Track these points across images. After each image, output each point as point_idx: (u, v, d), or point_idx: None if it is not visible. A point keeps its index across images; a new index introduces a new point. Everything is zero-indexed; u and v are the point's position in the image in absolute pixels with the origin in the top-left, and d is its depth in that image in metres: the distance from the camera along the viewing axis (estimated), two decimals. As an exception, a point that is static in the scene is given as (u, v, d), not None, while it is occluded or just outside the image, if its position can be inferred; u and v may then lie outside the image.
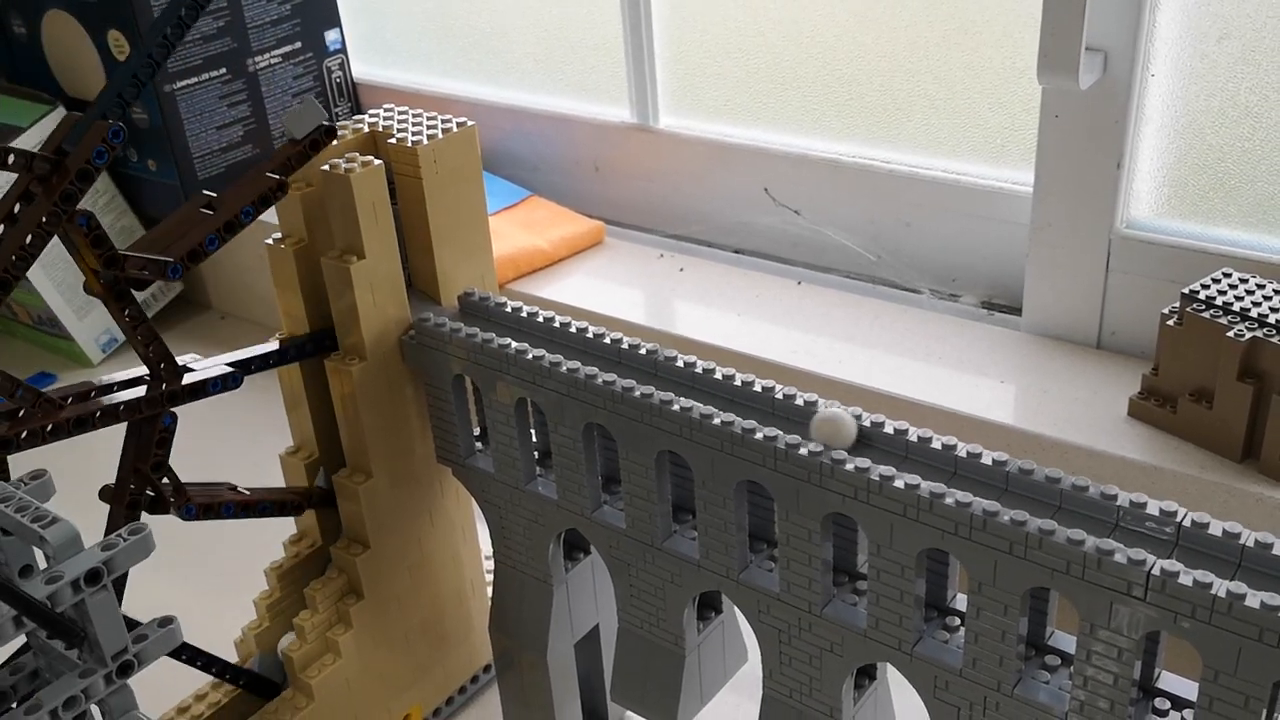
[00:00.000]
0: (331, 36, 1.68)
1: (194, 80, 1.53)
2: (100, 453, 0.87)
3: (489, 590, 1.03)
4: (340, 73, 1.71)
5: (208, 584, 0.86)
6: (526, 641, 0.91)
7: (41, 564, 0.60)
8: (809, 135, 1.38)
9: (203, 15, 1.50)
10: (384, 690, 0.95)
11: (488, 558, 1.04)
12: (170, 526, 0.75)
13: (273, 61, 1.61)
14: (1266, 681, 0.56)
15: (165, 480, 0.82)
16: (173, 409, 0.81)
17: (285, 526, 0.94)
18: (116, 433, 0.80)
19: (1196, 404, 0.98)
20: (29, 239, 0.72)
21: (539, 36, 1.60)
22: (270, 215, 0.85)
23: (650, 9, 1.44)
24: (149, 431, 0.80)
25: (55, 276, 1.59)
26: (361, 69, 1.77)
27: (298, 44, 1.63)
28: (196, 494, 0.84)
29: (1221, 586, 0.56)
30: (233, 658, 0.93)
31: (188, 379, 0.81)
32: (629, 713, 1.03)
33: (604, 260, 1.46)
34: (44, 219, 0.72)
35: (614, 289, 1.40)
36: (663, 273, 1.42)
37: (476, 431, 0.92)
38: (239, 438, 1.33)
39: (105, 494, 0.82)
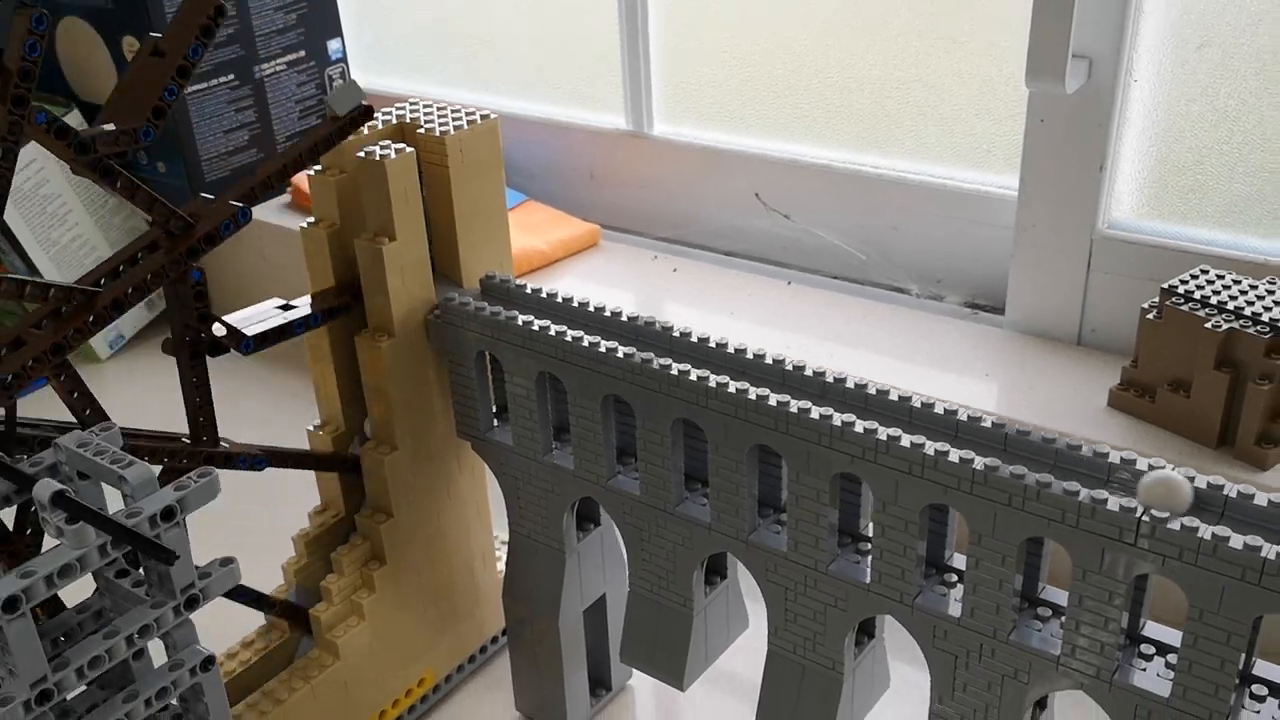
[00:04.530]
0: (333, 46, 1.73)
1: (203, 86, 1.56)
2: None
3: (499, 565, 1.07)
4: (341, 81, 1.76)
5: (238, 551, 0.90)
6: (539, 608, 0.95)
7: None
8: (800, 141, 1.42)
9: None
10: (401, 655, 0.99)
11: (497, 535, 1.08)
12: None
13: (278, 69, 1.65)
14: (1247, 618, 0.61)
15: (217, 326, 0.85)
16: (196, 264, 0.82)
17: (311, 498, 0.98)
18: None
19: (1174, 393, 1.03)
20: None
21: (537, 45, 1.64)
22: (282, 219, 0.86)
23: (646, 19, 1.48)
24: (183, 291, 0.82)
25: (66, 277, 1.62)
26: (362, 77, 1.81)
27: (301, 52, 1.67)
28: (251, 328, 0.87)
29: (1207, 530, 0.61)
30: (260, 620, 0.97)
31: (200, 228, 0.81)
32: (631, 681, 1.07)
33: (599, 262, 1.50)
34: (7, 130, 0.72)
35: (609, 290, 1.43)
36: (656, 273, 1.45)
37: (494, 408, 0.96)
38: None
39: (168, 347, 0.84)
